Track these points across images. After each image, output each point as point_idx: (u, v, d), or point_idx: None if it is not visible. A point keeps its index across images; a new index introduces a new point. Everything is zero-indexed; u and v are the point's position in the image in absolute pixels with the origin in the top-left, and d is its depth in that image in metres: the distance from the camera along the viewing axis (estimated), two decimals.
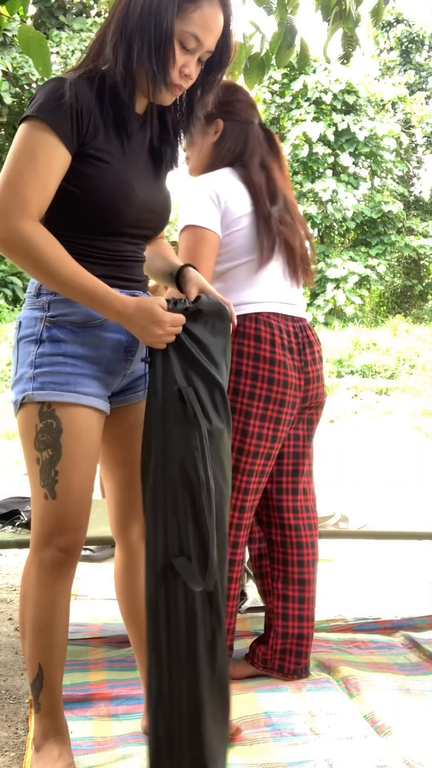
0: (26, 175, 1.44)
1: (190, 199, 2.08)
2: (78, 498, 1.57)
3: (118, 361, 1.61)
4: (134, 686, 2.06)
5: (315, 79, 15.89)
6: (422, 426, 9.30)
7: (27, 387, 1.55)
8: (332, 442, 7.72)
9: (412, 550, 3.69)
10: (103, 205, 1.53)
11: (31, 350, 1.56)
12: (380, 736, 1.81)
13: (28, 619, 1.62)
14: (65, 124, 1.46)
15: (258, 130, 2.19)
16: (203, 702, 1.46)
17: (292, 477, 2.18)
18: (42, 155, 1.45)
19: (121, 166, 1.54)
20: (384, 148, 16.69)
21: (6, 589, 2.97)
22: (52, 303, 1.55)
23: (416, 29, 18.54)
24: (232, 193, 2.08)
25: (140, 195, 1.58)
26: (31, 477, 1.59)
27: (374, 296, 17.93)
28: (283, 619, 2.13)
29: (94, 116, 1.51)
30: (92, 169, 1.51)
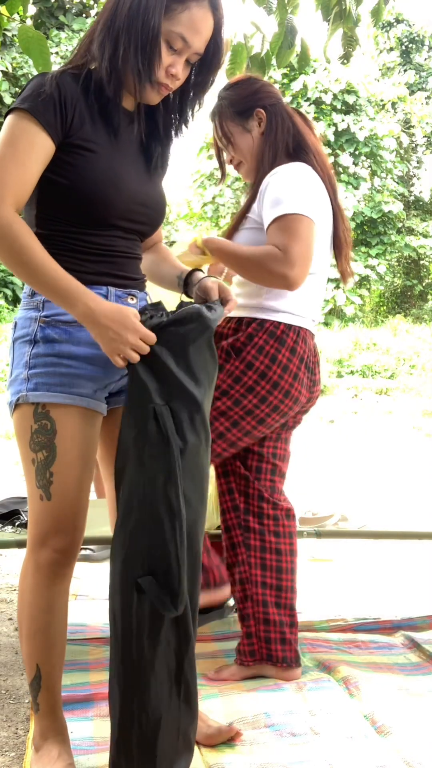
0: (6, 159, 1.45)
1: (285, 187, 2.05)
2: (73, 499, 1.57)
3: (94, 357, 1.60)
4: None
5: (315, 79, 15.90)
6: (422, 426, 9.31)
7: (21, 388, 1.55)
8: (332, 442, 7.72)
9: (412, 550, 3.69)
10: (91, 193, 1.52)
11: (26, 351, 1.55)
12: (380, 736, 1.81)
13: (25, 620, 1.62)
14: (47, 112, 1.47)
15: (290, 108, 2.22)
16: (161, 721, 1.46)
17: (270, 474, 2.20)
18: (23, 141, 1.46)
19: (108, 156, 1.54)
20: (384, 148, 16.70)
21: (6, 589, 2.97)
22: (46, 303, 1.54)
23: (416, 29, 18.54)
24: (320, 193, 2.10)
25: (130, 186, 1.57)
26: (27, 478, 1.59)
27: (374, 296, 17.94)
28: (264, 605, 2.13)
29: (79, 107, 1.51)
30: (79, 159, 1.51)
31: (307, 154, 2.15)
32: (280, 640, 2.12)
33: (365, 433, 8.84)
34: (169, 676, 1.49)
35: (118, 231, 1.60)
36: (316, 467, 6.14)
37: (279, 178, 2.06)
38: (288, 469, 2.27)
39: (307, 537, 2.46)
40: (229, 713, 1.90)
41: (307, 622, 2.63)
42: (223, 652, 2.35)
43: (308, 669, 2.21)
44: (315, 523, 2.58)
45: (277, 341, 2.07)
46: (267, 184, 2.07)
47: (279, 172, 2.07)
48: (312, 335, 2.18)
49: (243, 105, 2.19)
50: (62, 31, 15.56)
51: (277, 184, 2.04)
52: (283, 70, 15.63)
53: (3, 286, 13.51)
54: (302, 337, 2.12)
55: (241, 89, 2.22)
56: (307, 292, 2.11)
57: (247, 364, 2.07)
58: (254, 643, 2.13)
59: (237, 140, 2.22)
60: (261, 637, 2.13)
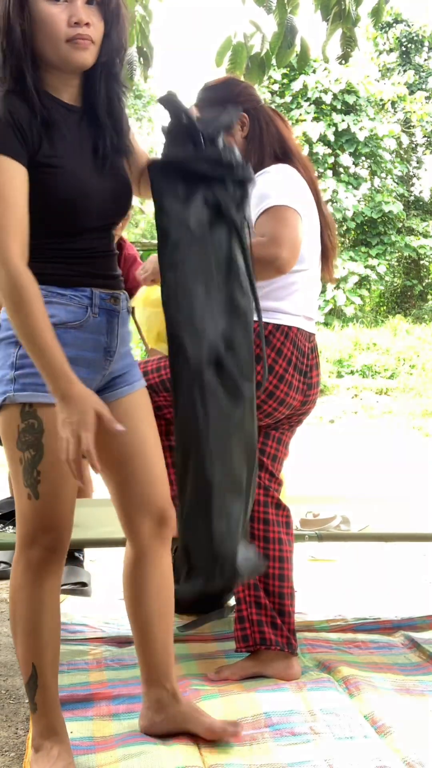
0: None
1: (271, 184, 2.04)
2: (61, 497, 1.59)
3: (98, 361, 1.64)
4: (134, 686, 2.06)
5: (315, 79, 15.89)
6: (422, 426, 9.31)
7: (8, 389, 1.56)
8: (332, 442, 7.72)
9: (412, 551, 3.69)
10: (64, 208, 1.54)
11: (11, 352, 1.56)
12: (380, 736, 1.81)
13: (18, 620, 1.63)
14: (9, 141, 1.47)
15: (272, 112, 2.21)
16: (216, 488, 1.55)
17: (269, 474, 2.21)
18: (3, 180, 1.46)
19: (71, 166, 1.54)
20: (384, 148, 16.70)
21: (6, 589, 2.97)
22: None
23: (416, 29, 18.53)
24: (306, 195, 2.09)
25: (97, 188, 1.58)
26: (14, 477, 1.61)
27: (374, 296, 17.93)
28: (255, 589, 2.14)
29: (32, 125, 1.50)
30: (46, 178, 1.52)
31: (292, 160, 2.14)
32: (270, 624, 2.12)
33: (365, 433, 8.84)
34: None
35: (94, 233, 1.62)
36: (316, 467, 6.13)
37: (266, 176, 2.06)
38: (281, 469, 2.27)
39: (309, 540, 2.46)
40: (229, 713, 1.90)
41: (307, 622, 2.63)
42: (223, 652, 2.35)
43: (308, 669, 2.21)
44: (316, 526, 2.57)
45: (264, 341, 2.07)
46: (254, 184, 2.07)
47: (266, 171, 2.08)
48: (307, 335, 2.17)
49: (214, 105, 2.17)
50: None
51: (264, 182, 2.04)
52: (283, 70, 15.63)
53: None
54: (291, 339, 2.10)
55: (221, 91, 2.19)
56: (297, 290, 2.10)
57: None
58: (246, 627, 2.14)
59: None
60: (253, 621, 2.13)
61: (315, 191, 2.18)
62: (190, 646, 2.38)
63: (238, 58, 2.76)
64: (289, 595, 2.16)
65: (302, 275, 2.12)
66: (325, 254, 2.23)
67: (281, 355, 2.09)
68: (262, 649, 2.14)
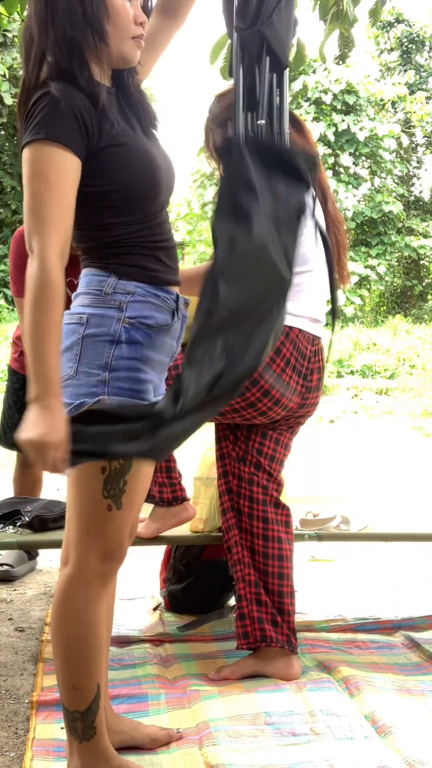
0: (43, 195, 1.41)
1: None
2: (136, 507, 1.57)
3: (166, 365, 1.61)
4: (134, 686, 2.07)
5: (315, 80, 15.89)
6: (422, 426, 9.30)
7: (98, 390, 1.47)
8: (332, 442, 7.72)
9: (412, 551, 3.69)
10: (142, 181, 1.52)
11: (105, 351, 1.48)
12: (381, 736, 1.81)
13: (83, 643, 1.53)
14: (69, 132, 1.43)
15: None
16: None
17: (267, 474, 2.22)
18: (53, 171, 1.42)
19: (133, 140, 1.54)
20: (384, 148, 16.69)
21: (6, 589, 2.97)
22: (130, 303, 1.51)
23: (417, 29, 18.52)
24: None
25: (159, 158, 1.58)
26: (86, 487, 1.51)
27: (374, 296, 17.93)
28: (255, 586, 2.15)
29: (91, 111, 1.48)
30: (116, 157, 1.50)
31: None
32: (271, 621, 2.14)
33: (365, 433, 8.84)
34: None
35: (164, 210, 1.61)
36: (316, 467, 6.13)
37: None
38: (281, 469, 2.27)
39: (309, 540, 2.47)
40: (229, 713, 1.90)
41: (307, 622, 2.63)
42: (223, 652, 2.35)
43: (308, 669, 2.21)
44: (316, 525, 2.57)
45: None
46: None
47: None
48: (310, 338, 2.17)
49: (225, 117, 2.19)
50: None
51: None
52: None
53: (3, 286, 13.51)
54: (291, 339, 2.11)
55: (224, 100, 2.21)
56: (301, 290, 2.11)
57: None
58: (247, 624, 2.15)
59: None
60: (254, 618, 2.14)
61: (321, 191, 2.19)
62: (190, 646, 2.39)
63: None
64: (288, 593, 2.16)
65: (307, 276, 2.12)
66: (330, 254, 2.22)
67: (279, 355, 2.10)
68: (262, 647, 2.14)
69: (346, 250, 2.28)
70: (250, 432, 2.22)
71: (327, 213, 2.21)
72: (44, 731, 1.84)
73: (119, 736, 1.73)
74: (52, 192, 1.41)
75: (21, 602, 2.82)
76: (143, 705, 1.98)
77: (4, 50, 14.15)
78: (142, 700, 2.00)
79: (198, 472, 2.51)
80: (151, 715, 1.93)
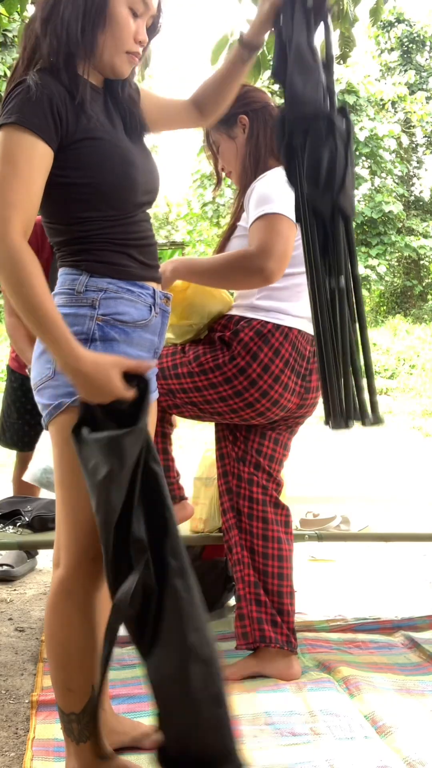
0: (7, 178, 1.40)
1: (271, 188, 2.03)
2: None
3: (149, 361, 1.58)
4: (135, 686, 2.06)
5: None
6: (422, 426, 9.30)
7: (74, 390, 1.45)
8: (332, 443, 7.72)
9: (412, 551, 3.69)
10: (116, 178, 1.50)
11: None
12: (381, 736, 1.81)
13: (77, 645, 1.51)
14: (38, 119, 1.43)
15: (278, 110, 2.20)
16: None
17: (266, 474, 2.22)
18: (21, 156, 1.41)
19: (111, 138, 1.53)
20: (384, 148, 16.70)
21: (6, 589, 2.97)
22: (103, 300, 1.50)
23: (417, 29, 18.53)
24: None
25: (138, 158, 1.57)
26: (73, 488, 1.50)
27: (374, 296, 17.93)
28: (255, 587, 2.15)
29: (67, 103, 1.48)
30: (90, 150, 1.49)
31: None
32: (270, 621, 2.13)
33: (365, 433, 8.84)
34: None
35: (142, 210, 1.59)
36: (316, 467, 6.13)
37: (264, 181, 2.07)
38: (280, 469, 2.27)
39: (309, 540, 2.46)
40: None
41: (307, 622, 2.63)
42: (223, 652, 2.34)
43: (308, 669, 2.21)
44: (316, 525, 2.57)
45: (262, 339, 2.08)
46: (253, 189, 2.07)
47: (266, 175, 2.08)
48: (309, 338, 2.17)
49: (226, 113, 2.19)
50: None
51: (262, 187, 2.05)
52: None
53: None
54: (290, 340, 2.11)
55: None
56: (302, 291, 2.10)
57: (230, 357, 2.11)
58: (246, 624, 2.14)
59: (223, 149, 2.22)
60: (253, 618, 2.14)
61: None
62: None
63: None
64: (288, 593, 2.16)
65: (303, 277, 2.12)
66: None
67: (278, 356, 2.10)
68: (261, 647, 2.14)
69: None
70: (249, 432, 2.22)
71: None
72: (44, 731, 1.83)
73: (119, 736, 1.73)
74: (18, 176, 1.40)
75: (21, 602, 2.82)
76: (143, 705, 1.98)
77: (4, 50, 14.16)
78: (142, 700, 2.00)
79: (198, 473, 2.51)
80: (151, 714, 1.93)
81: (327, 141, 1.51)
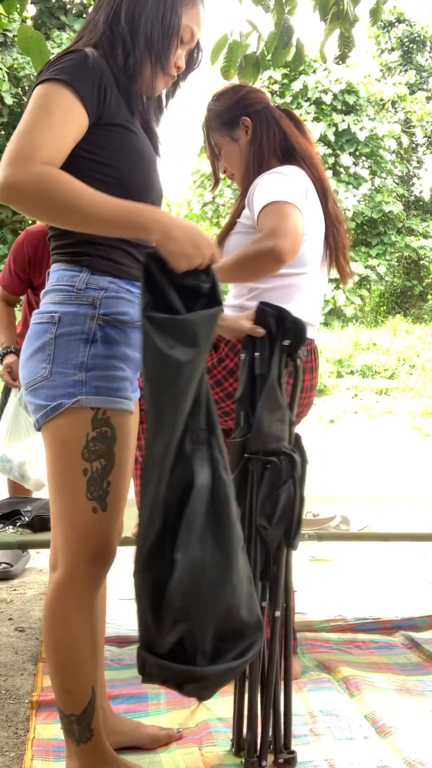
0: (39, 125, 1.36)
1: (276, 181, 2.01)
2: (122, 507, 1.52)
3: (139, 363, 1.56)
4: (134, 686, 2.06)
5: (315, 79, 15.90)
6: (422, 426, 9.31)
7: (75, 391, 1.43)
8: (332, 442, 7.72)
9: (412, 551, 3.69)
10: (136, 172, 1.50)
11: (80, 350, 1.44)
12: (381, 736, 1.81)
13: (75, 647, 1.50)
14: (87, 86, 1.41)
15: (279, 112, 2.19)
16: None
17: None
18: (58, 111, 1.38)
19: (143, 138, 1.55)
20: (384, 148, 16.71)
21: (6, 589, 2.97)
22: (104, 300, 1.47)
23: (417, 29, 18.53)
24: (311, 196, 2.07)
25: (157, 171, 1.58)
26: (68, 490, 1.47)
27: (374, 296, 17.94)
28: None
29: (113, 89, 1.48)
30: (121, 138, 1.48)
31: (296, 159, 2.13)
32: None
33: (365, 433, 8.84)
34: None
35: None
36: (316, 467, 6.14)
37: (268, 176, 2.05)
38: None
39: (309, 540, 2.46)
40: (228, 714, 1.90)
41: (307, 622, 2.63)
42: None
43: (308, 669, 2.21)
44: (316, 525, 2.57)
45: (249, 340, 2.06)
46: (256, 185, 2.06)
47: (269, 172, 2.07)
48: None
49: (228, 115, 2.18)
50: (63, 31, 15.55)
51: (266, 181, 2.03)
52: (284, 70, 15.63)
53: None
54: None
55: (225, 99, 2.20)
56: (296, 293, 2.09)
57: (218, 359, 2.10)
58: None
59: (225, 151, 2.21)
60: None
61: (322, 190, 2.17)
62: None
63: (233, 57, 2.77)
64: None
65: (303, 278, 2.11)
66: (332, 254, 2.21)
67: None
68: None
69: (346, 249, 2.25)
70: None
71: (327, 213, 2.19)
72: (44, 731, 1.83)
73: (119, 736, 1.73)
74: (50, 126, 1.36)
75: (21, 602, 2.82)
76: (143, 705, 1.98)
77: (4, 50, 14.17)
78: (142, 700, 2.00)
79: None
80: (151, 715, 1.93)
81: (286, 483, 1.61)
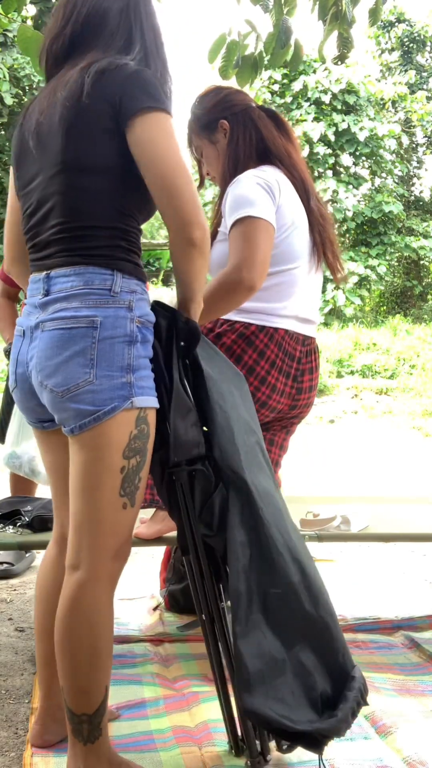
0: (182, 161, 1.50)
1: (244, 191, 2.01)
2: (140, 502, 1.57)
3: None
4: (135, 685, 2.06)
5: (315, 80, 15.89)
6: (422, 426, 9.30)
7: (126, 393, 1.47)
8: (332, 442, 7.72)
9: (412, 551, 3.69)
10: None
11: (125, 353, 1.47)
12: (381, 736, 1.81)
13: (95, 647, 1.50)
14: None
15: (259, 112, 2.18)
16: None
17: None
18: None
19: None
20: (384, 148, 16.70)
21: (6, 589, 2.97)
22: (136, 302, 1.52)
23: (418, 29, 18.52)
24: (286, 191, 2.06)
25: None
26: (103, 489, 1.49)
27: (374, 296, 17.93)
28: None
29: None
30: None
31: (271, 159, 2.12)
32: None
33: (365, 433, 8.84)
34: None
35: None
36: (316, 467, 6.14)
37: (237, 184, 2.04)
38: (276, 471, 2.27)
39: (309, 540, 2.46)
40: None
41: None
42: None
43: None
44: (316, 525, 2.57)
45: (245, 342, 2.06)
46: (228, 193, 2.06)
47: (239, 178, 2.06)
48: (299, 338, 2.14)
49: (207, 118, 2.18)
50: None
51: (235, 190, 2.03)
52: (283, 70, 15.62)
53: None
54: (276, 341, 2.08)
55: (206, 102, 2.21)
56: (287, 289, 2.08)
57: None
58: None
59: (206, 154, 2.22)
60: None
61: (304, 189, 2.16)
62: (191, 646, 2.39)
63: (231, 57, 2.77)
64: None
65: (296, 272, 2.09)
66: (319, 250, 2.19)
67: (263, 357, 2.07)
68: None
69: (334, 245, 2.23)
70: None
71: (310, 210, 2.17)
72: None
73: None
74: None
75: (21, 602, 2.82)
76: (143, 712, 1.98)
77: (4, 50, 14.15)
78: (141, 709, 1.99)
79: None
80: (150, 718, 1.93)
81: (218, 486, 1.59)
